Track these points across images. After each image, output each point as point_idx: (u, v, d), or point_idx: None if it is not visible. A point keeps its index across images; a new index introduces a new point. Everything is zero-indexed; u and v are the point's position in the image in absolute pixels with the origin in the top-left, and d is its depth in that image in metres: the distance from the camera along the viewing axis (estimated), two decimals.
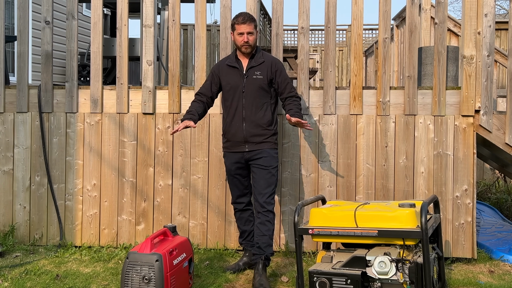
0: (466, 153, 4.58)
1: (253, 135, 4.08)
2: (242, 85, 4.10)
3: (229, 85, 4.15)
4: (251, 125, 4.08)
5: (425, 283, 3.12)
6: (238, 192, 4.27)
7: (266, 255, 4.02)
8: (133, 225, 4.89)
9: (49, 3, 4.95)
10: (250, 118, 4.08)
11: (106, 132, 4.92)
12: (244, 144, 4.10)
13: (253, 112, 4.09)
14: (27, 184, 4.97)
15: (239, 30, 4.07)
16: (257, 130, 4.09)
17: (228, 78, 4.16)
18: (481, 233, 5.22)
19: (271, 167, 4.08)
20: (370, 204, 3.54)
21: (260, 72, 4.11)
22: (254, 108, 4.09)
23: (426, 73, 4.88)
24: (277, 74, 4.14)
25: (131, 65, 6.98)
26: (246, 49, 4.10)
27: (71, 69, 4.94)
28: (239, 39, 4.09)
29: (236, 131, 4.11)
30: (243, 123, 4.08)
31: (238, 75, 4.13)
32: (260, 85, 4.10)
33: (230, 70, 4.17)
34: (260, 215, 4.05)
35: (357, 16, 4.67)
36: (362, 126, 4.69)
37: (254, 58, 4.15)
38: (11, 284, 3.96)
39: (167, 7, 6.08)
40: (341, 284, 3.19)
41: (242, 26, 4.05)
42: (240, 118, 4.09)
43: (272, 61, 4.18)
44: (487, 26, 4.54)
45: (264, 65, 4.13)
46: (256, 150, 4.09)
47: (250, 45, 4.08)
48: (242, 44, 4.08)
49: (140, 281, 3.42)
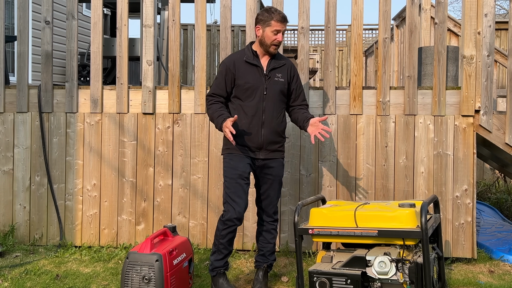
0: (466, 153, 4.58)
1: (270, 142, 3.78)
2: (264, 86, 3.75)
3: (249, 84, 3.75)
4: (270, 131, 3.76)
5: (425, 283, 3.12)
6: (247, 201, 3.75)
7: (270, 263, 3.93)
8: (133, 225, 4.89)
9: (49, 3, 4.95)
10: (269, 123, 3.76)
11: (106, 132, 4.92)
12: (258, 151, 3.77)
13: (274, 117, 3.77)
14: (27, 184, 4.97)
15: (275, 27, 3.69)
16: (274, 137, 3.80)
17: (247, 77, 3.76)
18: (481, 233, 5.22)
19: (281, 177, 3.91)
20: (370, 204, 3.54)
21: (281, 75, 3.81)
22: (275, 113, 3.78)
23: (426, 73, 4.88)
24: (293, 80, 3.89)
25: (131, 65, 6.98)
26: (274, 49, 3.75)
27: (71, 69, 4.94)
28: (272, 37, 3.70)
29: (253, 136, 3.74)
30: (261, 128, 3.75)
31: (258, 75, 3.77)
32: (281, 89, 3.81)
33: (248, 67, 3.77)
34: (266, 224, 3.91)
35: (357, 16, 4.67)
36: (362, 126, 4.69)
37: (275, 58, 3.82)
38: (11, 284, 3.96)
39: (167, 7, 6.08)
40: (341, 284, 3.19)
41: (280, 24, 3.70)
42: (259, 122, 3.74)
43: (291, 65, 3.90)
44: (487, 26, 4.54)
45: (285, 67, 3.85)
46: (270, 159, 3.81)
47: (278, 46, 3.78)
48: (273, 43, 3.72)
49: (140, 281, 3.42)
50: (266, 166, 3.83)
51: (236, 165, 3.73)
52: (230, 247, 3.79)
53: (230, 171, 3.73)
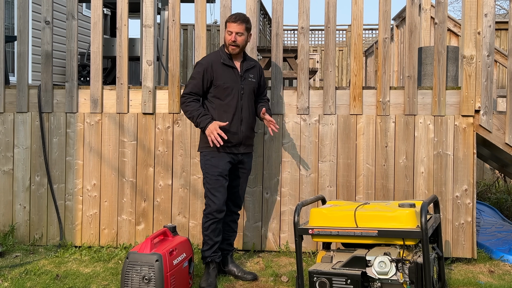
0: (466, 153, 4.58)
1: (247, 137, 4.12)
2: (241, 86, 4.06)
3: (227, 85, 4.02)
4: (247, 127, 4.10)
5: (425, 283, 3.12)
6: (225, 196, 4.03)
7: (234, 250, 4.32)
8: (133, 225, 4.89)
9: (49, 3, 4.95)
10: (247, 120, 4.09)
11: (106, 132, 4.92)
12: (239, 146, 4.08)
13: (250, 114, 4.12)
14: (27, 184, 4.97)
15: (229, 28, 4.01)
16: (250, 133, 4.15)
17: (225, 77, 4.03)
18: (481, 233, 5.22)
19: (250, 170, 4.28)
20: (370, 204, 3.54)
21: (253, 75, 4.16)
22: (250, 110, 4.12)
23: (426, 73, 4.88)
24: (261, 78, 4.26)
25: (131, 65, 6.99)
26: (233, 49, 4.01)
27: (71, 69, 4.94)
28: (227, 37, 4.02)
29: (235, 132, 4.03)
30: (241, 125, 4.06)
31: (234, 76, 4.06)
32: (253, 88, 4.15)
33: (226, 69, 4.05)
34: (233, 214, 4.21)
35: (357, 16, 4.67)
36: (362, 126, 4.69)
37: (246, 60, 4.16)
38: (11, 284, 3.96)
39: (167, 7, 6.08)
40: (341, 284, 3.19)
41: (233, 24, 4.00)
42: (239, 120, 4.05)
43: (259, 66, 4.27)
44: (487, 26, 4.54)
45: (255, 69, 4.20)
46: (246, 153, 4.16)
47: (237, 46, 4.00)
48: (229, 43, 4.00)
49: (140, 281, 3.43)
50: (243, 161, 4.16)
51: (217, 163, 4.00)
52: (216, 238, 4.04)
53: (211, 169, 4.00)
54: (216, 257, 4.06)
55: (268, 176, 4.77)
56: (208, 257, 4.03)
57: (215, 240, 4.02)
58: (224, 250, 4.19)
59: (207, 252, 4.03)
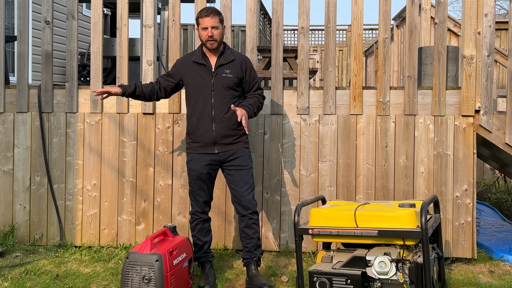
0: (466, 153, 4.58)
1: (223, 136, 3.87)
2: (211, 83, 3.87)
3: (196, 83, 3.91)
4: (221, 125, 3.86)
5: (425, 283, 3.12)
6: (206, 198, 3.97)
7: (258, 257, 3.96)
8: (133, 225, 4.89)
9: (49, 3, 4.95)
10: (220, 118, 3.86)
11: (106, 132, 4.92)
12: (213, 146, 3.88)
13: (223, 112, 3.86)
14: (27, 184, 4.97)
15: (202, 25, 3.83)
16: (227, 131, 3.88)
17: (194, 76, 3.92)
18: (481, 233, 5.22)
19: (249, 167, 3.94)
20: (370, 204, 3.54)
21: (230, 70, 3.90)
22: (225, 107, 3.86)
23: (426, 73, 4.88)
24: (246, 73, 3.97)
25: (131, 65, 6.98)
26: (211, 44, 3.84)
27: (71, 69, 4.94)
28: (203, 34, 3.84)
29: (204, 132, 3.87)
30: (212, 124, 3.86)
31: (205, 73, 3.90)
32: (230, 84, 3.90)
33: (196, 67, 3.92)
34: (245, 218, 3.91)
35: (357, 16, 4.67)
36: (362, 126, 4.69)
37: (223, 55, 3.93)
38: (11, 284, 3.96)
39: (167, 7, 6.08)
40: (341, 284, 3.19)
41: (206, 19, 3.82)
42: (209, 118, 3.86)
43: (243, 59, 3.99)
44: (487, 26, 4.54)
45: (234, 63, 3.93)
46: (229, 150, 3.90)
47: (215, 40, 3.83)
48: (206, 39, 3.83)
49: (140, 281, 3.43)
50: (228, 159, 3.92)
51: (193, 167, 3.94)
52: (204, 238, 4.02)
53: (190, 172, 3.97)
54: (209, 257, 4.04)
55: (268, 176, 4.77)
56: (200, 257, 4.02)
57: (203, 240, 4.01)
58: (243, 259, 3.99)
59: (198, 253, 4.02)
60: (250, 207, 3.90)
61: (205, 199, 3.98)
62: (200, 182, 3.93)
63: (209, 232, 4.07)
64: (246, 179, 3.92)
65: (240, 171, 3.91)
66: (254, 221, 3.93)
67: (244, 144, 3.97)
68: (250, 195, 3.91)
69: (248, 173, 3.94)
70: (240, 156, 3.92)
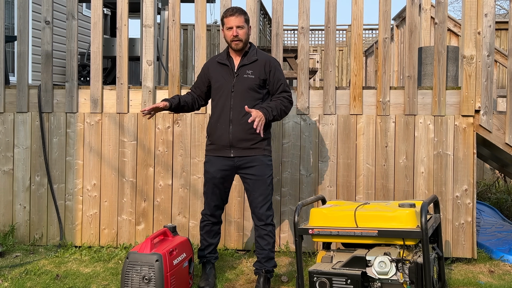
0: (466, 153, 4.58)
1: (240, 140, 3.74)
2: (232, 84, 3.78)
3: (218, 84, 3.84)
4: (239, 128, 3.74)
5: (425, 283, 3.12)
6: (217, 203, 3.89)
7: (267, 269, 3.84)
8: (133, 225, 4.89)
9: (49, 3, 4.95)
10: (238, 120, 3.74)
11: (106, 132, 4.91)
12: (229, 149, 3.77)
13: (241, 114, 3.72)
14: (27, 184, 4.97)
15: (228, 24, 3.75)
16: (244, 134, 3.73)
17: (217, 76, 3.85)
18: (481, 233, 5.22)
19: (266, 176, 3.78)
20: (370, 204, 3.54)
21: (252, 71, 3.78)
22: (244, 110, 3.69)
23: (426, 73, 4.88)
24: (270, 74, 3.82)
25: (131, 65, 6.98)
26: (236, 45, 3.76)
27: (71, 69, 4.94)
28: (228, 34, 3.76)
29: (221, 134, 3.77)
30: (229, 126, 3.75)
31: (228, 74, 3.82)
32: (251, 86, 3.77)
33: (220, 67, 3.87)
34: (258, 229, 3.83)
35: (357, 16, 4.67)
36: (362, 126, 4.69)
37: (247, 56, 3.83)
38: (11, 284, 3.96)
39: (167, 7, 6.08)
40: (341, 284, 3.19)
41: (231, 18, 3.74)
42: (226, 120, 3.76)
43: (267, 60, 3.84)
44: (487, 26, 4.54)
45: (257, 63, 3.81)
46: (246, 156, 3.76)
47: (240, 40, 3.75)
48: (231, 39, 3.75)
49: (140, 281, 3.43)
50: (244, 166, 3.79)
51: (208, 169, 3.88)
52: (210, 239, 3.99)
53: (205, 174, 3.92)
54: (212, 258, 4.02)
55: None
56: (203, 257, 4.00)
57: (209, 241, 3.98)
58: (254, 268, 3.90)
59: (202, 252, 4.00)
60: (263, 219, 3.79)
61: (216, 203, 3.90)
62: (212, 185, 3.85)
63: (217, 234, 4.02)
64: (262, 190, 3.78)
65: (256, 181, 3.77)
66: (267, 232, 3.81)
67: (263, 151, 3.79)
68: (264, 207, 3.78)
69: (264, 184, 3.77)
70: (256, 165, 3.76)
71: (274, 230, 3.87)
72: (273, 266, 3.88)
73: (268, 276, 3.85)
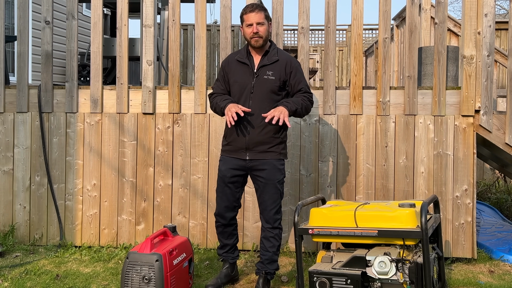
0: (466, 153, 4.58)
1: (256, 142, 3.67)
2: (251, 85, 3.69)
3: (237, 83, 3.74)
4: (256, 131, 3.66)
5: (425, 283, 3.12)
6: (227, 203, 3.82)
7: (268, 271, 3.81)
8: (133, 225, 4.89)
9: (49, 3, 4.95)
10: (256, 123, 3.66)
11: (106, 132, 4.92)
12: (245, 151, 3.71)
13: (260, 117, 3.64)
14: (27, 184, 4.97)
15: (247, 21, 3.65)
16: (262, 137, 3.67)
17: (236, 75, 3.75)
18: (481, 233, 5.22)
19: (276, 181, 3.71)
20: (370, 204, 3.54)
21: (272, 72, 3.68)
22: (264, 112, 3.62)
23: (426, 73, 4.88)
24: (291, 75, 3.73)
25: (131, 65, 6.98)
26: (256, 42, 3.65)
27: (71, 69, 4.94)
28: (248, 31, 3.65)
29: (239, 136, 3.70)
30: (247, 128, 3.67)
31: (247, 73, 3.72)
32: (271, 87, 3.68)
33: (239, 66, 3.75)
34: (265, 230, 3.79)
35: (357, 16, 4.67)
36: (362, 126, 4.69)
37: (267, 55, 3.72)
38: (11, 284, 3.96)
39: (167, 7, 6.08)
40: (341, 284, 3.19)
41: (251, 15, 3.63)
42: (244, 122, 3.67)
43: (288, 60, 3.74)
44: (487, 26, 4.54)
45: (278, 64, 3.71)
46: (259, 159, 3.69)
47: (261, 37, 3.64)
48: (251, 36, 3.64)
49: (140, 281, 3.42)
50: (256, 168, 3.73)
51: (221, 167, 3.83)
52: (225, 240, 3.94)
53: (218, 172, 3.85)
54: (229, 258, 3.98)
55: None
56: (220, 255, 4.01)
57: (224, 242, 3.94)
58: (256, 268, 3.87)
59: (219, 251, 4.00)
60: (270, 222, 3.76)
61: (226, 204, 3.81)
62: (223, 184, 3.79)
63: (233, 236, 3.95)
64: (271, 193, 3.72)
65: (266, 185, 3.72)
66: (273, 235, 3.78)
67: (278, 155, 3.72)
68: (273, 210, 3.75)
69: (274, 187, 3.72)
70: (267, 169, 3.70)
71: (280, 233, 3.83)
72: (275, 269, 3.86)
73: (269, 277, 3.84)
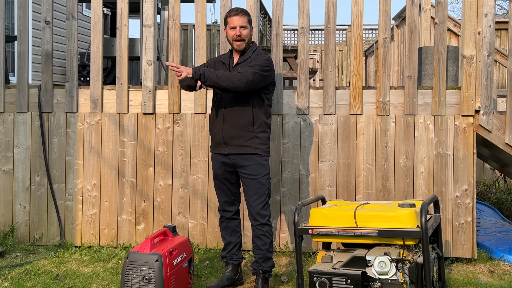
0: (466, 153, 4.58)
1: (231, 137, 3.77)
2: None
3: None
4: (230, 125, 3.77)
5: (425, 283, 3.12)
6: (226, 199, 3.94)
7: (265, 270, 3.83)
8: (133, 225, 4.89)
9: (49, 3, 4.95)
10: (230, 117, 3.78)
11: (106, 132, 4.92)
12: (224, 146, 3.81)
13: (233, 111, 3.76)
14: (27, 184, 4.97)
15: (231, 24, 3.78)
16: (236, 131, 3.76)
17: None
18: (481, 233, 5.22)
19: (260, 176, 3.76)
20: (370, 204, 3.54)
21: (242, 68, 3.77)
22: (236, 107, 3.75)
23: (426, 73, 4.88)
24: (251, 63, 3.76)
25: (131, 65, 6.99)
26: (239, 45, 3.79)
27: (71, 69, 4.94)
28: (231, 33, 3.78)
29: (217, 131, 3.84)
30: (223, 123, 3.79)
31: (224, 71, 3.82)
32: None
33: (220, 66, 3.90)
34: (255, 228, 3.82)
35: (357, 16, 4.67)
36: (362, 126, 4.69)
37: (244, 54, 3.85)
38: (11, 284, 3.96)
39: (167, 7, 6.08)
40: (341, 284, 3.19)
41: (235, 18, 3.76)
42: (221, 117, 3.81)
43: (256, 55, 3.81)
44: (487, 26, 4.54)
45: (248, 60, 3.81)
46: (238, 154, 3.77)
47: (243, 40, 3.77)
48: (234, 39, 3.77)
49: (140, 281, 3.43)
50: (239, 165, 3.80)
51: (212, 165, 3.97)
52: (229, 237, 3.98)
53: (212, 171, 3.99)
54: (232, 259, 3.96)
55: None
56: (223, 257, 4.00)
57: (227, 239, 3.97)
58: (252, 269, 3.89)
59: (222, 252, 4.01)
60: (258, 218, 3.78)
61: (225, 199, 3.95)
62: (217, 181, 3.93)
63: (236, 233, 3.98)
64: (256, 189, 3.77)
65: (250, 181, 3.77)
66: (264, 232, 3.80)
67: (255, 149, 3.76)
68: (259, 206, 3.77)
69: (259, 183, 3.76)
70: (251, 165, 3.76)
71: (271, 230, 3.85)
72: (271, 266, 3.87)
73: (266, 276, 3.85)
